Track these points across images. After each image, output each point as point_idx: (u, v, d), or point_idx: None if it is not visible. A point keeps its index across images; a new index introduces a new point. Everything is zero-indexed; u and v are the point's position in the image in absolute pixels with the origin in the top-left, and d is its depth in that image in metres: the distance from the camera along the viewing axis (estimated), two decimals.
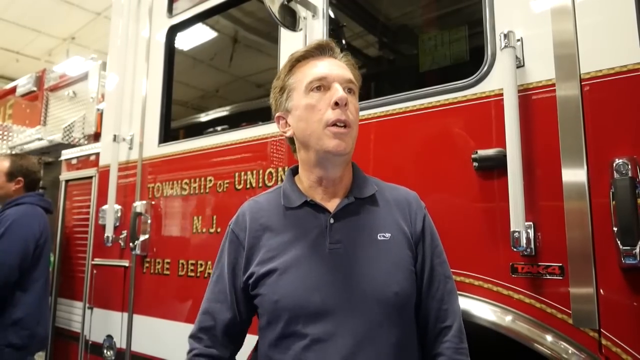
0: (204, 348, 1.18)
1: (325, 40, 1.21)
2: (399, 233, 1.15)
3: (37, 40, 10.49)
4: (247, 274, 1.16)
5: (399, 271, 1.11)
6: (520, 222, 1.29)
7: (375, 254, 1.11)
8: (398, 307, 1.09)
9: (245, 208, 1.24)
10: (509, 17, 1.46)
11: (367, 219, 1.16)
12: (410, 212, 1.19)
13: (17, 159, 3.05)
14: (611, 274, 1.21)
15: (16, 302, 2.61)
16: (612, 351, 1.19)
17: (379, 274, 1.09)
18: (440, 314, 1.15)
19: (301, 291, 1.07)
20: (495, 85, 1.45)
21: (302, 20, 1.92)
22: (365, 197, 1.18)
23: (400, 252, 1.13)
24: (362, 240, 1.13)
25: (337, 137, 1.09)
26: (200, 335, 1.19)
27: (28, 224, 2.72)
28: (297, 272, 1.09)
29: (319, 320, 1.05)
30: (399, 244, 1.14)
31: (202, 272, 2.20)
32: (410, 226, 1.18)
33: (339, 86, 1.10)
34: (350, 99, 1.12)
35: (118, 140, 2.75)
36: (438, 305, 1.16)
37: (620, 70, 1.25)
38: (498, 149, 1.40)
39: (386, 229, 1.14)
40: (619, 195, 1.17)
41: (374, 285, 1.08)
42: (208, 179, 2.26)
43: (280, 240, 1.14)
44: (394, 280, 1.09)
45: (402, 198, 1.22)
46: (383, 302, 1.07)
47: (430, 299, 1.16)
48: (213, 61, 2.91)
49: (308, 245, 1.11)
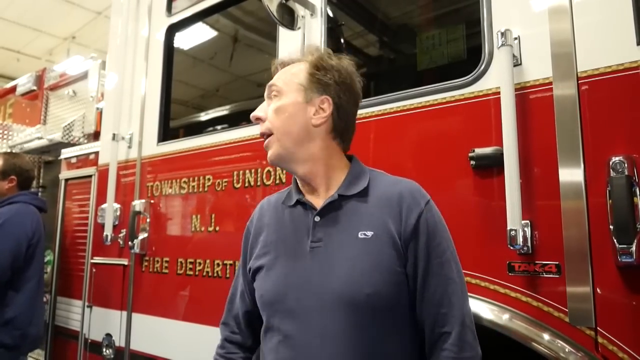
0: (230, 334, 1.30)
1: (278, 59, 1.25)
2: (384, 232, 1.08)
3: (38, 40, 10.50)
4: (248, 267, 1.24)
5: (375, 272, 1.05)
6: (517, 220, 1.29)
7: (354, 253, 1.07)
8: (371, 309, 1.03)
9: (260, 204, 1.32)
10: (507, 16, 1.46)
11: (351, 217, 1.12)
12: (402, 209, 1.10)
13: (10, 157, 3.03)
14: (608, 273, 1.21)
15: (8, 302, 2.59)
16: (609, 349, 1.19)
17: (352, 273, 1.05)
18: (439, 319, 1.05)
19: (280, 288, 1.11)
20: (493, 83, 1.45)
21: (301, 19, 1.93)
22: (353, 194, 1.13)
23: (381, 252, 1.06)
24: (341, 238, 1.09)
25: (265, 148, 1.17)
26: (227, 322, 1.32)
27: (21, 223, 2.69)
28: (280, 269, 1.13)
29: (292, 317, 1.08)
30: (382, 243, 1.07)
31: (201, 271, 2.20)
32: (400, 224, 1.09)
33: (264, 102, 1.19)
34: (270, 104, 1.17)
35: (117, 139, 2.75)
36: (436, 309, 1.06)
37: (617, 68, 1.25)
38: (495, 148, 1.40)
39: (369, 227, 1.08)
40: (616, 193, 1.17)
41: (346, 285, 1.04)
42: (207, 177, 2.27)
43: (274, 237, 1.19)
44: (367, 281, 1.04)
45: (396, 194, 1.12)
46: (354, 304, 1.03)
47: (427, 303, 1.07)
48: (212, 60, 2.91)
49: (294, 243, 1.14)
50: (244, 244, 1.29)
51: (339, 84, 1.15)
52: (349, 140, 1.22)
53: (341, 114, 1.16)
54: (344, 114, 1.16)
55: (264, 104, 1.18)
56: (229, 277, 2.08)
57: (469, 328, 1.05)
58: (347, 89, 1.16)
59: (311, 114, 1.14)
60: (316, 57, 1.17)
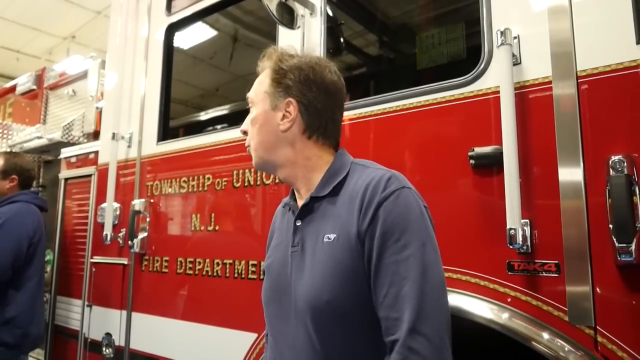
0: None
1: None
2: (344, 232, 1.01)
3: (38, 39, 10.49)
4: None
5: (333, 277, 0.99)
6: (517, 219, 1.29)
7: (319, 257, 1.03)
8: (333, 316, 0.99)
9: (277, 208, 1.33)
10: (506, 15, 1.46)
11: (321, 219, 1.08)
12: (364, 202, 1.00)
13: (11, 156, 3.04)
14: (607, 272, 1.21)
15: (9, 301, 2.61)
16: (608, 348, 1.19)
17: (314, 280, 1.02)
18: (389, 325, 0.92)
19: (268, 293, 1.17)
20: (492, 82, 1.45)
21: (300, 18, 1.93)
22: (324, 195, 1.09)
23: (341, 255, 1.00)
24: (311, 243, 1.07)
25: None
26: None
27: (21, 222, 2.71)
28: (272, 274, 1.17)
29: (274, 322, 1.14)
30: (342, 245, 1.00)
31: (201, 270, 2.20)
32: (359, 221, 0.99)
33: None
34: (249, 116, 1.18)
35: (117, 138, 2.75)
36: (386, 313, 0.93)
37: (616, 67, 1.25)
38: (495, 147, 1.40)
39: (334, 229, 1.03)
40: (615, 192, 1.17)
41: (309, 291, 1.02)
42: (206, 177, 2.27)
43: (276, 242, 1.22)
44: (326, 288, 0.99)
45: (363, 187, 1.02)
46: (314, 311, 1.00)
47: (379, 306, 0.95)
48: (211, 59, 2.91)
49: (284, 247, 1.16)
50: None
51: (301, 82, 1.10)
52: (333, 134, 1.16)
53: (311, 112, 1.10)
54: (315, 111, 1.11)
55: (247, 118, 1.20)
56: (228, 277, 2.08)
57: (424, 336, 0.88)
58: (313, 84, 1.10)
59: (279, 120, 1.11)
60: (274, 61, 1.13)
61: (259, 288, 1.24)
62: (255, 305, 1.36)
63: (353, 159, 1.16)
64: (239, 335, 1.97)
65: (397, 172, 1.05)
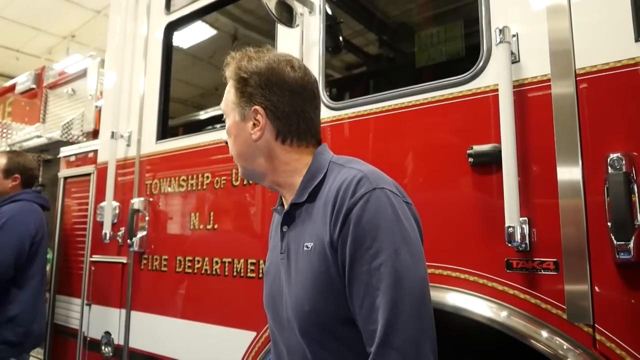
0: None
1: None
2: (319, 241, 0.98)
3: (37, 38, 10.48)
4: None
5: (313, 287, 0.97)
6: (515, 217, 1.29)
7: (300, 266, 1.02)
8: (316, 326, 0.97)
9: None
10: (505, 13, 1.46)
11: (302, 227, 1.06)
12: (334, 208, 0.95)
13: (14, 155, 3.06)
14: (606, 270, 1.21)
15: (12, 300, 2.62)
16: (606, 346, 1.19)
17: (297, 289, 1.01)
18: (367, 337, 0.90)
19: (266, 298, 1.17)
20: (491, 80, 1.45)
21: (299, 16, 1.92)
22: (303, 202, 1.06)
23: (318, 265, 0.97)
24: (294, 250, 1.05)
25: None
26: None
27: (24, 221, 2.72)
28: (268, 279, 1.17)
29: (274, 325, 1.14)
30: (318, 254, 0.98)
31: (199, 269, 2.20)
32: (330, 228, 0.95)
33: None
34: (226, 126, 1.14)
35: (116, 137, 2.75)
36: (364, 324, 0.90)
37: (614, 65, 1.25)
38: (493, 145, 1.40)
39: (311, 237, 1.00)
40: (613, 190, 1.17)
41: (293, 301, 1.01)
42: (205, 175, 2.27)
43: (271, 244, 1.22)
44: (307, 298, 0.97)
45: (335, 190, 0.98)
46: (300, 320, 0.99)
47: (357, 317, 0.92)
48: (211, 58, 2.91)
49: (276, 252, 1.15)
50: None
51: (262, 87, 1.06)
52: (309, 131, 1.10)
53: (280, 115, 1.06)
54: (283, 113, 1.06)
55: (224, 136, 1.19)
56: (227, 275, 2.08)
57: (395, 349, 0.84)
58: (275, 86, 1.06)
59: (249, 129, 1.07)
60: (233, 70, 1.10)
61: (258, 286, 1.25)
62: (254, 303, 1.36)
63: (333, 156, 1.11)
64: (237, 334, 1.96)
65: (371, 170, 0.99)
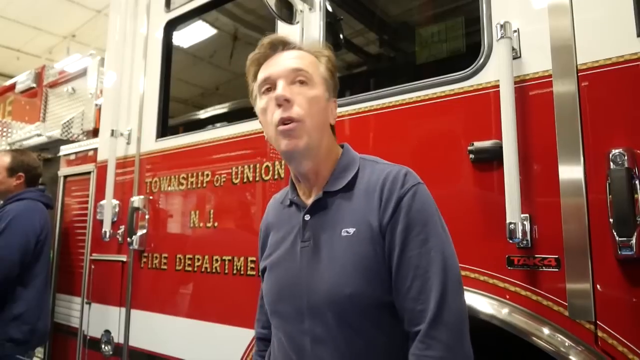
0: (261, 331, 1.32)
1: (276, 36, 1.16)
2: (365, 226, 1.02)
3: (38, 38, 10.48)
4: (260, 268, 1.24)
5: (356, 271, 0.99)
6: (516, 213, 1.28)
7: (336, 252, 1.03)
8: (355, 310, 0.99)
9: (268, 205, 1.32)
10: (506, 8, 1.45)
11: (335, 214, 1.07)
12: (383, 197, 1.02)
13: (18, 154, 3.06)
14: (607, 266, 1.20)
15: (17, 297, 2.63)
16: (609, 343, 1.19)
17: (334, 274, 1.01)
18: (413, 316, 0.95)
19: (276, 290, 1.12)
20: (492, 77, 1.44)
21: (299, 13, 1.92)
22: (338, 190, 1.09)
23: (361, 249, 1.00)
24: (326, 237, 1.06)
25: (286, 136, 1.03)
26: (259, 317, 1.34)
27: (29, 220, 2.73)
28: (277, 271, 1.14)
29: (287, 318, 1.09)
30: (362, 239, 1.01)
31: (199, 267, 2.20)
32: (379, 214, 1.01)
33: (282, 82, 1.05)
34: (298, 90, 1.05)
35: (116, 135, 2.74)
36: (411, 305, 0.96)
37: (617, 60, 1.24)
38: (494, 141, 1.39)
39: (352, 223, 1.03)
40: (615, 185, 1.16)
41: (328, 286, 1.01)
42: (205, 173, 2.26)
43: (276, 238, 1.19)
44: (348, 281, 0.99)
45: (380, 182, 1.04)
46: (337, 305, 0.99)
47: (402, 298, 0.97)
48: (211, 56, 2.90)
49: (289, 243, 1.13)
50: (259, 244, 1.29)
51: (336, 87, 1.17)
52: None
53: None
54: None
55: (285, 85, 1.05)
56: (227, 273, 2.07)
57: (446, 327, 0.92)
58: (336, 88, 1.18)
59: (330, 111, 1.13)
60: (332, 55, 1.16)
61: (258, 284, 1.24)
62: (255, 301, 1.35)
63: (359, 154, 1.17)
64: (238, 332, 1.96)
65: (409, 169, 1.08)
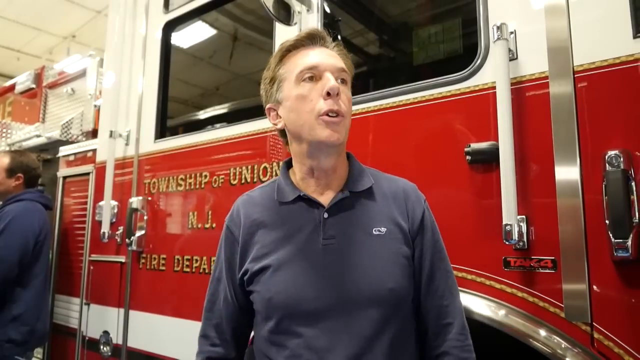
0: (210, 348, 1.20)
1: (316, 29, 1.16)
2: (395, 227, 1.10)
3: (38, 39, 10.48)
4: (242, 271, 1.14)
5: (395, 267, 1.07)
6: (513, 215, 1.28)
7: (370, 249, 1.07)
8: (393, 303, 1.05)
9: (239, 203, 1.23)
10: (503, 10, 1.45)
11: (362, 214, 1.12)
12: (408, 204, 1.14)
13: (17, 155, 3.06)
14: (603, 268, 1.20)
15: (16, 298, 2.63)
16: (604, 345, 1.19)
17: (373, 270, 1.05)
18: (442, 311, 1.11)
19: (294, 289, 1.05)
20: (489, 78, 1.44)
21: (297, 14, 1.92)
22: (361, 191, 1.14)
23: (395, 247, 1.09)
24: (356, 235, 1.09)
25: (330, 126, 1.05)
26: (207, 334, 1.21)
27: (28, 220, 2.73)
28: (290, 269, 1.07)
29: (313, 318, 1.03)
30: (395, 238, 1.09)
31: (198, 268, 2.20)
32: (407, 220, 1.13)
33: (331, 75, 1.07)
34: (342, 88, 1.08)
35: (114, 136, 2.74)
36: (439, 302, 1.11)
37: (613, 62, 1.24)
38: (491, 142, 1.39)
39: (382, 223, 1.10)
40: (611, 187, 1.16)
41: (368, 281, 1.04)
42: (203, 174, 2.26)
43: (274, 236, 1.12)
44: (388, 277, 1.05)
45: (400, 190, 1.16)
46: (378, 299, 1.04)
47: (431, 296, 1.11)
48: (210, 57, 2.90)
49: (302, 241, 1.08)
50: (227, 248, 1.20)
51: None
52: None
53: None
54: None
55: (333, 80, 1.06)
56: None
57: (464, 318, 1.13)
58: None
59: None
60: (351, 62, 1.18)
61: None
62: None
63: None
64: None
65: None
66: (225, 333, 1.19)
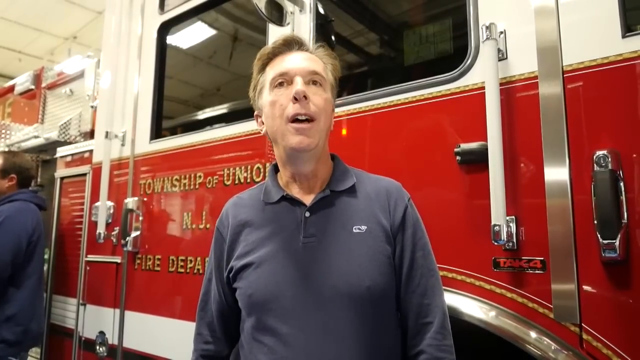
0: (204, 346, 1.25)
1: (291, 35, 1.19)
2: (376, 225, 1.11)
3: (39, 40, 10.51)
4: (227, 268, 1.18)
5: (373, 265, 1.07)
6: (501, 215, 1.27)
7: (350, 247, 1.08)
8: (371, 301, 1.05)
9: (229, 205, 1.27)
10: (493, 9, 1.44)
11: (343, 212, 1.13)
12: (390, 202, 1.15)
13: (10, 156, 3.07)
14: (592, 268, 1.19)
15: (9, 299, 2.63)
16: (593, 345, 1.18)
17: (351, 267, 1.06)
18: (422, 310, 1.09)
19: (273, 285, 1.07)
20: (478, 78, 1.44)
21: (289, 15, 1.91)
22: (342, 190, 1.15)
23: (376, 245, 1.09)
24: (336, 233, 1.10)
25: (300, 132, 1.06)
26: (200, 332, 1.27)
27: (21, 221, 2.73)
28: (271, 267, 1.09)
29: (288, 315, 1.05)
30: (375, 236, 1.10)
31: (192, 268, 2.20)
32: (389, 218, 1.13)
33: (300, 79, 1.08)
34: (314, 90, 1.10)
35: (110, 137, 2.75)
36: (419, 300, 1.10)
37: (602, 62, 1.24)
38: (480, 143, 1.39)
39: (362, 222, 1.11)
40: (599, 187, 1.16)
41: (345, 279, 1.05)
42: (198, 175, 2.26)
43: (258, 235, 1.15)
44: (366, 274, 1.06)
45: (383, 189, 1.17)
46: (355, 297, 1.04)
47: (411, 294, 1.11)
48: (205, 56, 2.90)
49: (283, 239, 1.11)
50: (216, 248, 1.24)
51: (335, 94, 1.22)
52: None
53: None
54: None
55: (302, 84, 1.08)
56: None
57: (447, 317, 1.11)
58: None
59: (332, 116, 1.18)
60: (337, 63, 1.20)
61: None
62: None
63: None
64: None
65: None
66: (217, 331, 1.24)
